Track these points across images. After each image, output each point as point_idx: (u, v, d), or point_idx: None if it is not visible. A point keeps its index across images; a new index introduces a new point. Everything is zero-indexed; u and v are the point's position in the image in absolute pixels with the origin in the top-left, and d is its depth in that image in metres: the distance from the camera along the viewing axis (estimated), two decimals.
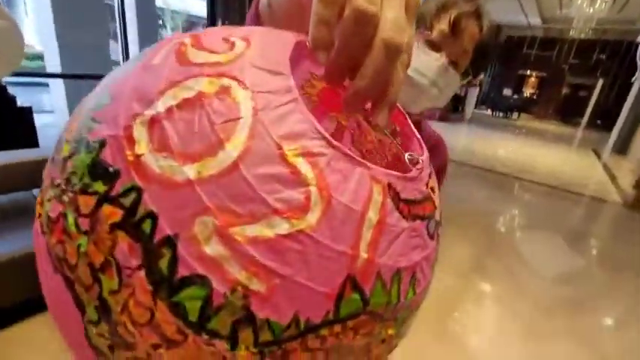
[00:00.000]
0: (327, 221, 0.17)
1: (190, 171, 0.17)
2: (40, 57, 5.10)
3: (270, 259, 0.16)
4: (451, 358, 1.59)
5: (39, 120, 2.26)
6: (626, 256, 2.89)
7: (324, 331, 0.18)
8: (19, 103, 2.14)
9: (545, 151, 7.44)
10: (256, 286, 0.16)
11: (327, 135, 0.18)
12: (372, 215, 0.18)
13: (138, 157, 0.17)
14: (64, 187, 0.19)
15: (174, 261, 0.16)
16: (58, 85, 3.84)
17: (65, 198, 0.19)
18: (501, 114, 14.25)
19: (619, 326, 2.02)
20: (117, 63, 3.94)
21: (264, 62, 0.20)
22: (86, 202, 0.18)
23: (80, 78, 3.76)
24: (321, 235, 0.17)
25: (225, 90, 0.18)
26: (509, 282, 2.28)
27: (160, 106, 0.18)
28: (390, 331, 0.22)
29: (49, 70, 3.72)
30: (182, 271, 0.16)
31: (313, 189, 0.17)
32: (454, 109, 10.69)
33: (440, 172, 0.68)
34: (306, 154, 0.18)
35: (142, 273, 0.16)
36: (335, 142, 0.18)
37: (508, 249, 2.76)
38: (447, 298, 2.02)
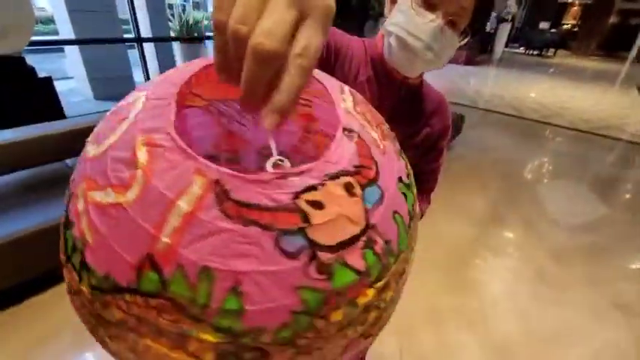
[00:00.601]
0: (140, 200, 0.21)
1: (92, 151, 0.25)
2: (52, 20, 5.05)
3: (99, 220, 0.22)
4: (467, 306, 1.67)
5: (60, 86, 2.30)
6: None
7: (128, 297, 0.21)
8: (39, 73, 2.17)
9: (583, 92, 6.85)
10: (89, 238, 0.22)
11: (173, 132, 0.22)
12: (184, 205, 0.20)
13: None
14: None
15: (68, 209, 0.25)
16: (73, 49, 3.84)
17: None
18: (536, 52, 12.97)
19: (636, 273, 2.01)
20: (125, 21, 3.87)
21: (175, 77, 0.27)
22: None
23: (89, 43, 3.72)
24: (133, 210, 0.21)
25: (136, 101, 0.26)
26: (528, 232, 2.28)
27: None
28: (207, 337, 0.20)
29: (62, 34, 3.70)
30: (70, 217, 0.24)
31: (139, 172, 0.21)
32: (482, 49, 9.77)
33: (443, 133, 0.67)
34: (150, 144, 0.22)
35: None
36: (176, 138, 0.22)
37: (529, 198, 2.71)
38: (464, 247, 2.07)
